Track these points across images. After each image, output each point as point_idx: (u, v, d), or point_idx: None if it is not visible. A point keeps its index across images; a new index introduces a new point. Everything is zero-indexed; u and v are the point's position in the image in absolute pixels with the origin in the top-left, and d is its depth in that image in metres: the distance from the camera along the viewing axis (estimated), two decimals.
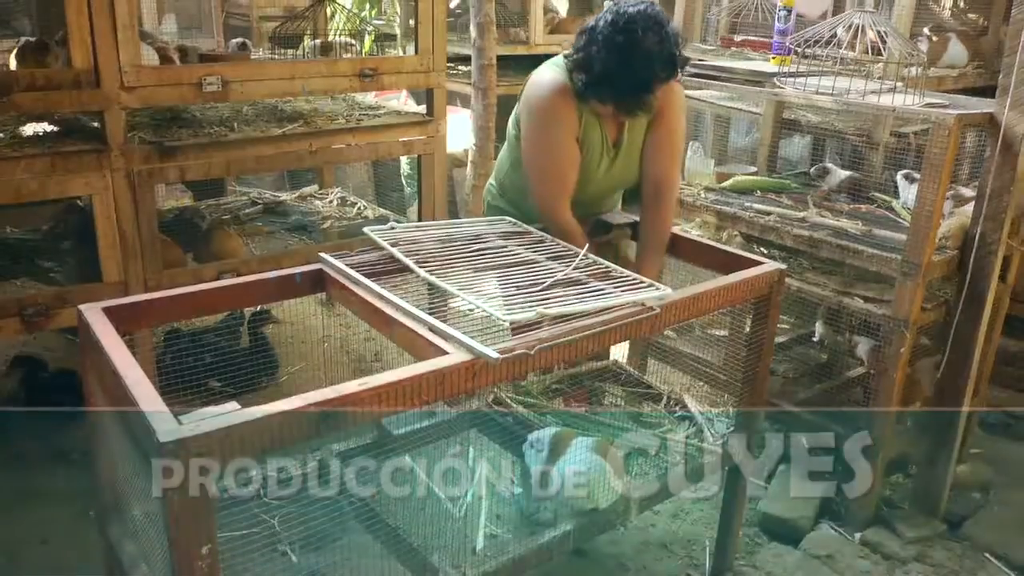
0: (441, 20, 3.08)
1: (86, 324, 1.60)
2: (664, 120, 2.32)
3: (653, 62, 2.05)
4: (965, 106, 2.63)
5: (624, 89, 2.09)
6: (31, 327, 2.58)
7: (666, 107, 2.29)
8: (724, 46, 3.90)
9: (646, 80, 2.07)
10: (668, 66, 2.10)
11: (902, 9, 3.31)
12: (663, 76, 2.10)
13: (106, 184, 2.56)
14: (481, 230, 2.10)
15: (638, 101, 2.11)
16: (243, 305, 1.90)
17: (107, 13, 2.44)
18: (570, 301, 1.66)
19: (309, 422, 1.30)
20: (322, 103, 3.45)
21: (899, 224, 2.82)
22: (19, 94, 2.40)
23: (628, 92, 2.10)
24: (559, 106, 2.22)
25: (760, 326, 2.09)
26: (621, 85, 2.08)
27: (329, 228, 3.46)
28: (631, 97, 2.10)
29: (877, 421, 2.66)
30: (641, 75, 2.06)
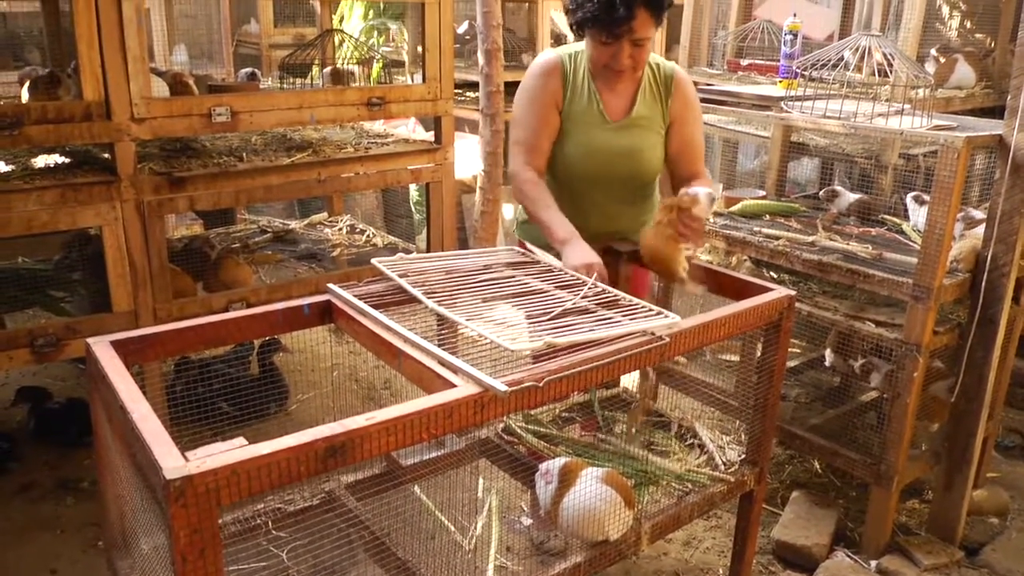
0: (448, 48, 3.10)
1: (94, 358, 1.60)
2: (681, 125, 2.45)
3: None
4: (974, 128, 2.62)
5: (606, 9, 2.16)
6: (41, 358, 2.59)
7: (682, 110, 2.44)
8: (731, 70, 3.91)
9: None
10: None
11: (908, 31, 3.31)
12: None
13: (116, 215, 2.58)
14: (489, 260, 2.10)
15: (621, 18, 2.16)
16: (251, 337, 1.89)
17: (118, 46, 2.46)
18: (579, 330, 1.65)
19: (317, 457, 1.29)
20: (331, 131, 3.47)
21: (909, 247, 2.80)
22: (31, 126, 2.42)
23: (610, 12, 2.16)
24: (540, 78, 2.41)
25: (771, 352, 2.07)
26: (603, 4, 2.16)
27: (339, 256, 3.47)
28: (614, 14, 2.16)
29: (891, 446, 2.64)
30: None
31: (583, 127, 2.40)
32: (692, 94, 2.49)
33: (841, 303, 2.79)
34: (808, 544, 2.73)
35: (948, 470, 2.81)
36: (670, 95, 2.44)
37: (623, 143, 2.41)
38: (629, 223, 2.52)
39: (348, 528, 1.82)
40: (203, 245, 3.21)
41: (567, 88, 2.40)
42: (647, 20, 2.20)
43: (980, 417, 2.72)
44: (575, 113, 2.40)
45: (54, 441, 3.34)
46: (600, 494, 1.79)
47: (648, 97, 2.43)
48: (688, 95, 2.47)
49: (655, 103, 2.44)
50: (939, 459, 2.83)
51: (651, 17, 2.20)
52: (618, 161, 2.42)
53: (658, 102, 2.45)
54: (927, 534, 2.85)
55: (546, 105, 2.40)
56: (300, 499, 1.94)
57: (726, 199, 3.25)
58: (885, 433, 2.66)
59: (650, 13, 2.19)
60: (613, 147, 2.40)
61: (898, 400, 2.60)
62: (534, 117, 2.41)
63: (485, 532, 1.99)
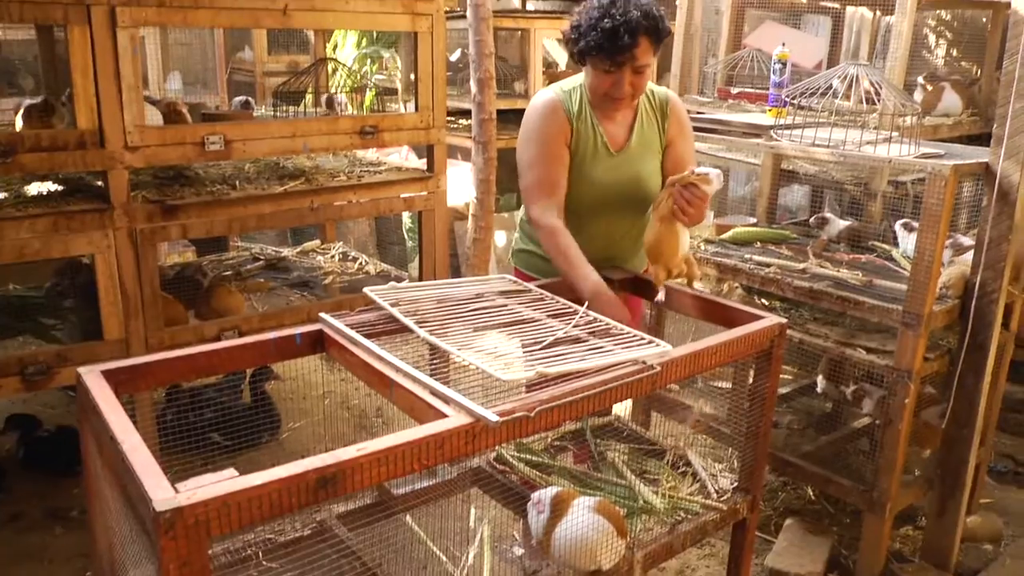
0: (440, 77, 3.13)
1: (85, 388, 1.59)
2: (675, 147, 2.50)
3: (631, 11, 2.20)
4: (961, 155, 2.65)
5: (610, 37, 2.20)
6: (31, 386, 2.58)
7: (677, 133, 2.50)
8: (721, 98, 3.94)
9: (629, 25, 2.19)
10: (649, 17, 2.22)
11: (895, 60, 3.35)
12: (644, 26, 2.21)
13: (109, 243, 2.58)
14: (481, 289, 2.10)
15: (625, 46, 2.20)
16: (243, 366, 1.89)
17: (112, 75, 2.48)
18: (570, 360, 1.65)
19: (308, 488, 1.29)
20: (324, 159, 3.49)
21: (899, 274, 2.82)
22: (24, 154, 2.43)
23: (614, 40, 2.20)
24: (546, 117, 2.40)
25: (762, 380, 2.08)
26: (607, 32, 2.20)
27: (331, 284, 3.47)
28: (617, 42, 2.20)
29: (884, 473, 2.64)
30: (622, 22, 2.18)
31: (588, 160, 2.41)
32: (685, 117, 2.56)
33: (832, 330, 2.80)
34: (802, 572, 2.73)
35: (941, 496, 2.81)
36: (666, 119, 2.49)
37: (626, 172, 2.44)
38: (628, 248, 2.55)
39: (340, 558, 1.80)
40: (195, 273, 3.21)
41: (572, 124, 2.40)
42: (648, 47, 2.26)
43: (972, 443, 2.72)
44: (581, 147, 2.41)
45: (43, 470, 3.32)
46: (592, 523, 1.78)
47: (646, 124, 2.48)
48: (682, 118, 2.53)
49: (652, 128, 2.49)
50: (932, 485, 2.83)
51: (651, 44, 2.27)
52: (621, 190, 2.44)
53: (655, 127, 2.49)
54: (921, 561, 2.85)
55: (557, 142, 2.39)
56: (291, 529, 1.93)
57: (717, 227, 3.26)
58: (878, 460, 2.66)
59: (651, 40, 2.25)
60: (617, 177, 2.43)
61: (890, 427, 2.61)
62: (548, 155, 2.39)
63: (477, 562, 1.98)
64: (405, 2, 3.00)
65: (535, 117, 2.43)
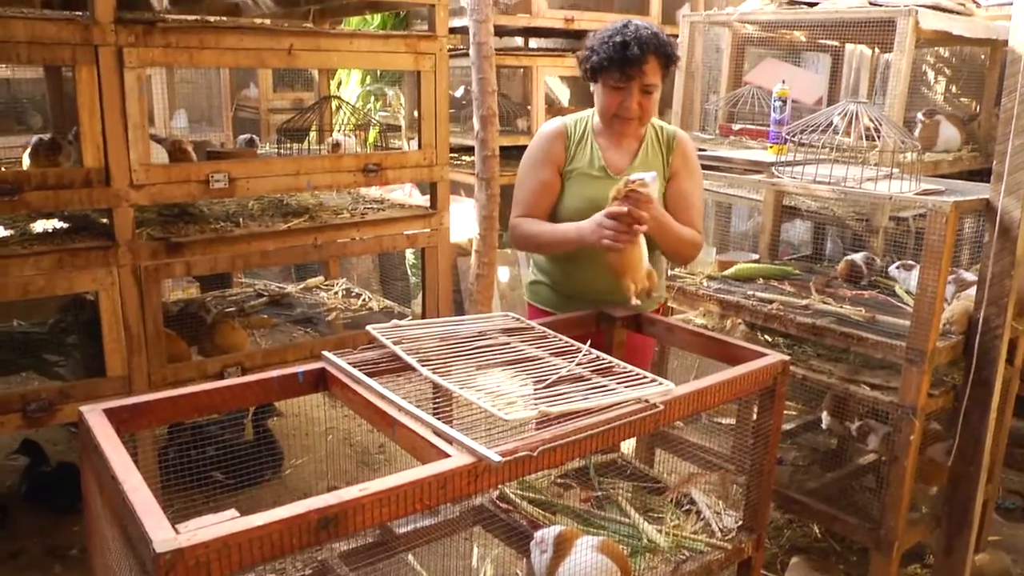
0: (444, 115, 3.16)
1: (87, 426, 1.59)
2: (678, 180, 2.53)
3: (641, 31, 2.34)
4: (961, 191, 2.66)
5: (620, 50, 2.31)
6: (33, 423, 2.58)
7: (681, 166, 2.54)
8: (723, 134, 3.97)
9: (640, 40, 2.31)
10: (658, 38, 2.34)
11: (894, 97, 3.37)
12: (653, 44, 2.32)
13: (113, 280, 2.59)
14: (484, 326, 2.10)
15: (634, 57, 2.30)
16: (245, 405, 1.89)
17: (119, 114, 2.51)
18: (573, 399, 1.65)
19: (309, 529, 1.28)
20: (327, 196, 3.51)
21: (902, 310, 2.81)
22: (31, 192, 2.44)
23: (624, 52, 2.31)
24: (544, 143, 2.53)
25: (766, 417, 2.07)
26: (618, 45, 2.31)
27: (334, 320, 3.48)
28: (627, 53, 2.30)
29: (890, 510, 2.61)
30: (632, 38, 2.31)
31: (584, 180, 2.47)
32: (693, 154, 2.59)
33: (836, 366, 2.79)
34: None
35: (948, 534, 2.78)
36: (672, 152, 2.54)
37: None
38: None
39: None
40: (199, 309, 3.22)
41: (569, 149, 2.51)
42: (656, 66, 2.36)
43: (979, 479, 2.70)
44: (577, 168, 2.49)
45: (45, 507, 3.30)
46: (596, 563, 1.76)
47: (650, 153, 2.53)
48: (688, 153, 2.57)
49: (657, 159, 2.53)
50: (939, 523, 2.81)
51: (659, 65, 2.37)
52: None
53: (660, 158, 2.53)
54: None
55: (546, 167, 2.50)
56: (292, 569, 1.92)
57: (719, 263, 3.27)
58: (884, 497, 2.64)
59: (659, 61, 2.36)
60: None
61: (896, 463, 2.59)
62: (534, 179, 2.52)
63: None
64: (409, 42, 3.04)
65: (534, 142, 2.58)
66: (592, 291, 2.52)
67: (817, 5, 3.67)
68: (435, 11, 3.07)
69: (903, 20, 3.28)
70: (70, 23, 2.41)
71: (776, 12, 3.82)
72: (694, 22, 4.16)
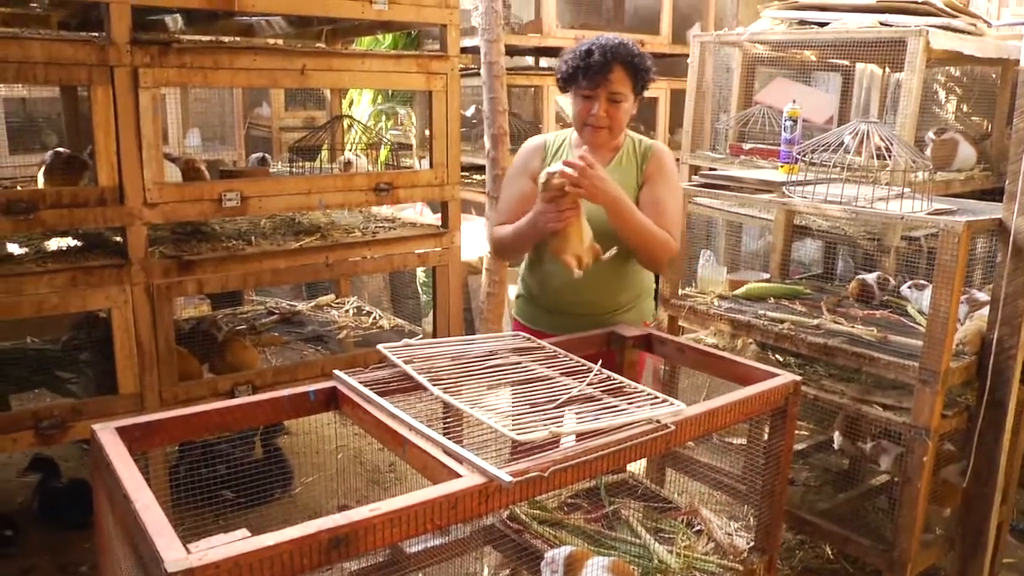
0: (455, 135, 3.17)
1: (99, 444, 1.60)
2: (651, 185, 2.55)
3: (609, 41, 2.42)
4: (973, 211, 2.65)
5: (585, 57, 2.39)
6: (45, 440, 2.58)
7: (655, 172, 2.55)
8: (733, 154, 3.98)
9: (605, 49, 2.39)
10: (625, 47, 2.42)
11: (906, 116, 3.38)
12: (619, 53, 2.40)
13: (126, 298, 2.60)
14: (495, 345, 2.11)
15: (598, 64, 2.38)
16: (256, 423, 1.89)
17: (133, 134, 2.53)
18: (585, 419, 1.65)
19: (320, 549, 1.28)
20: (339, 215, 3.53)
21: (915, 330, 2.80)
22: (46, 211, 2.46)
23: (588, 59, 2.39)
24: (523, 156, 2.65)
25: (777, 438, 2.06)
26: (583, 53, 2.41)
27: (345, 338, 3.48)
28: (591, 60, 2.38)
29: (903, 532, 2.59)
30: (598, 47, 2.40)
31: None
32: (669, 164, 2.61)
33: (848, 386, 2.78)
34: None
35: (962, 556, 2.76)
36: (646, 161, 2.57)
37: (594, 206, 2.45)
38: (601, 286, 2.56)
39: None
40: (210, 327, 3.23)
41: (546, 160, 2.59)
42: (623, 75, 2.42)
43: (993, 501, 2.68)
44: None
45: (57, 523, 3.31)
46: None
47: (624, 163, 2.57)
48: (663, 162, 2.59)
49: (631, 169, 2.57)
50: (953, 545, 2.78)
51: (627, 74, 2.42)
52: (590, 221, 2.45)
53: (633, 170, 2.57)
54: None
55: (524, 178, 2.58)
56: None
57: (730, 282, 3.26)
58: (897, 518, 2.62)
59: (625, 70, 2.42)
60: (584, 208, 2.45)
61: (909, 485, 2.57)
62: (513, 189, 2.61)
63: None
64: (420, 62, 3.06)
65: (516, 156, 2.71)
66: (568, 303, 2.58)
67: (828, 25, 3.68)
68: (447, 31, 3.09)
69: (914, 40, 3.29)
70: (86, 44, 2.44)
71: (787, 32, 3.84)
72: (704, 42, 4.18)
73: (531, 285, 2.70)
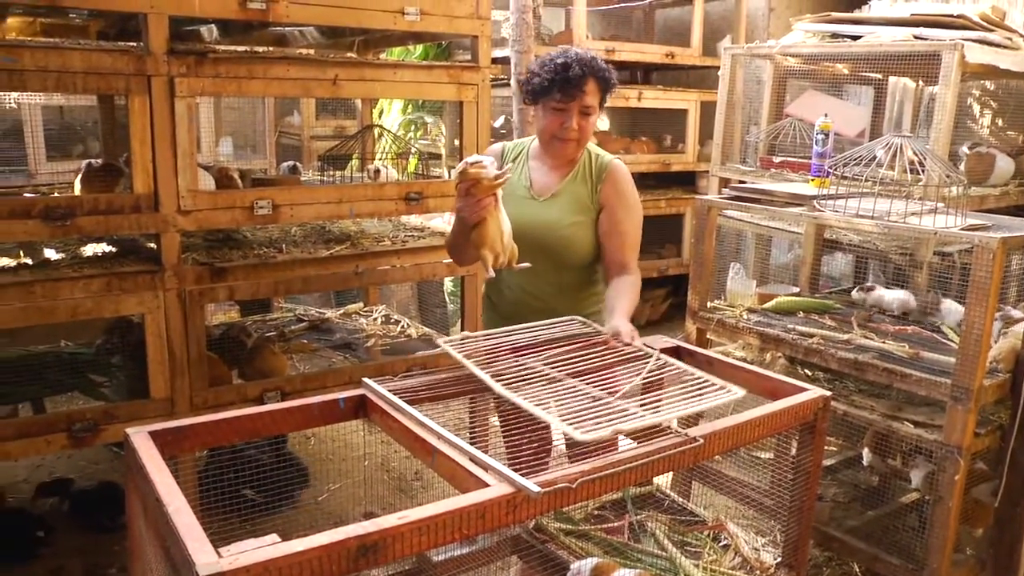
0: (485, 145, 3.18)
1: (132, 448, 1.62)
2: (610, 212, 2.53)
3: (581, 54, 2.44)
4: (1008, 227, 2.62)
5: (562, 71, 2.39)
6: (78, 443, 2.62)
7: (612, 197, 2.53)
8: (764, 167, 3.96)
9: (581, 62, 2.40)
10: (596, 62, 2.43)
11: (939, 131, 3.34)
12: (592, 67, 2.42)
13: (159, 303, 2.64)
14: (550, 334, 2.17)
15: (575, 77, 2.39)
16: (286, 430, 1.91)
17: (168, 142, 2.57)
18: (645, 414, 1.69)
19: (348, 556, 1.29)
20: (368, 224, 3.55)
21: (947, 346, 2.77)
22: (83, 217, 2.51)
23: (566, 73, 2.39)
24: None
25: (806, 454, 2.04)
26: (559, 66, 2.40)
27: (373, 346, 3.50)
28: (568, 73, 2.39)
29: (934, 551, 2.56)
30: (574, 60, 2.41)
31: (510, 200, 2.46)
32: (626, 185, 2.56)
33: (878, 402, 2.75)
34: None
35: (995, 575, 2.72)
36: (601, 181, 2.54)
37: (544, 217, 2.50)
38: (550, 294, 2.56)
39: None
40: (240, 333, 3.26)
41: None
42: (595, 89, 2.44)
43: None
44: (506, 188, 2.45)
45: (86, 525, 3.35)
46: None
47: (578, 179, 2.55)
48: (620, 184, 2.55)
49: (584, 185, 2.54)
50: (984, 566, 2.74)
51: (598, 88, 2.45)
52: (538, 234, 2.48)
53: (588, 185, 2.54)
54: None
55: None
56: None
57: (760, 296, 3.24)
58: (927, 537, 2.59)
59: (597, 84, 2.44)
60: (537, 219, 2.48)
61: (940, 504, 2.53)
62: None
63: None
64: (452, 73, 3.08)
65: None
66: (519, 311, 2.53)
67: (860, 38, 3.66)
68: (478, 42, 3.12)
69: (948, 54, 3.26)
70: (125, 54, 2.49)
71: (819, 45, 3.82)
72: (735, 54, 4.17)
73: (491, 293, 2.70)
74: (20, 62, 2.34)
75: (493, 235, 2.26)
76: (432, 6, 2.97)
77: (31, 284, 2.48)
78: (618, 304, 2.37)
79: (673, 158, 6.06)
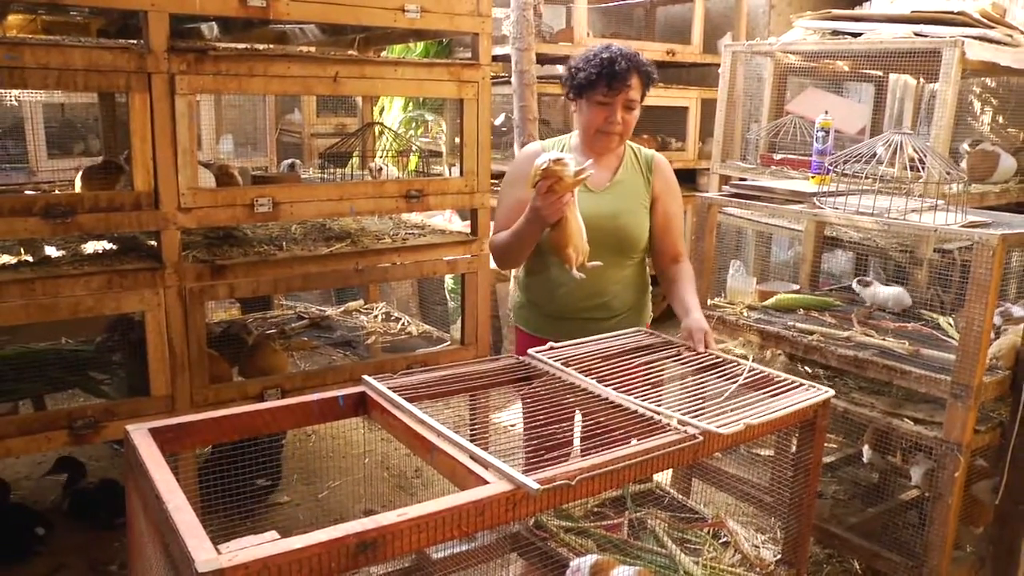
0: (485, 143, 3.18)
1: (132, 445, 1.62)
2: (663, 204, 2.61)
3: (624, 50, 2.47)
4: (1009, 224, 2.62)
5: (608, 65, 2.41)
6: (79, 440, 2.62)
7: (663, 190, 2.61)
8: (764, 164, 3.95)
9: (625, 57, 2.43)
10: (639, 58, 2.47)
11: (940, 128, 3.34)
12: (636, 62, 2.45)
13: (159, 301, 2.64)
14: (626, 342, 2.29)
15: (621, 71, 2.41)
16: (286, 427, 1.91)
17: (169, 139, 2.56)
18: (761, 411, 1.82)
19: (348, 553, 1.29)
20: (369, 221, 3.55)
21: (947, 343, 2.77)
22: (83, 215, 2.50)
23: (612, 67, 2.41)
24: (520, 164, 2.61)
25: (806, 451, 2.05)
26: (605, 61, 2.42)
27: (373, 344, 3.50)
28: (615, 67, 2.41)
29: (933, 549, 2.56)
30: (619, 55, 2.43)
31: None
32: (672, 178, 2.65)
33: (878, 399, 2.75)
34: None
35: (994, 574, 2.71)
36: (652, 173, 2.61)
37: (605, 207, 2.51)
38: (617, 291, 2.59)
39: None
40: (240, 331, 3.26)
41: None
42: (638, 84, 2.47)
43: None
44: None
45: (86, 522, 3.35)
46: None
47: (631, 169, 2.60)
48: (668, 177, 2.64)
49: (637, 178, 2.59)
50: (984, 564, 2.74)
51: (640, 83, 2.48)
52: (602, 226, 2.48)
53: (640, 178, 2.60)
54: None
55: (521, 186, 2.48)
56: None
57: (760, 293, 3.24)
58: (927, 535, 2.59)
59: (640, 79, 2.47)
60: (594, 211, 2.47)
61: (940, 501, 2.54)
62: (510, 197, 2.57)
63: None
64: (452, 70, 3.08)
65: (512, 164, 2.72)
66: (575, 309, 2.57)
67: (861, 35, 3.66)
68: (479, 39, 3.11)
69: (949, 51, 3.25)
70: (125, 51, 2.48)
71: (819, 42, 3.81)
72: (736, 51, 4.17)
73: (535, 293, 2.66)
74: (21, 60, 2.34)
75: (574, 233, 2.27)
76: (433, 4, 2.97)
77: (32, 281, 2.47)
78: (689, 298, 2.50)
79: (673, 155, 6.05)
